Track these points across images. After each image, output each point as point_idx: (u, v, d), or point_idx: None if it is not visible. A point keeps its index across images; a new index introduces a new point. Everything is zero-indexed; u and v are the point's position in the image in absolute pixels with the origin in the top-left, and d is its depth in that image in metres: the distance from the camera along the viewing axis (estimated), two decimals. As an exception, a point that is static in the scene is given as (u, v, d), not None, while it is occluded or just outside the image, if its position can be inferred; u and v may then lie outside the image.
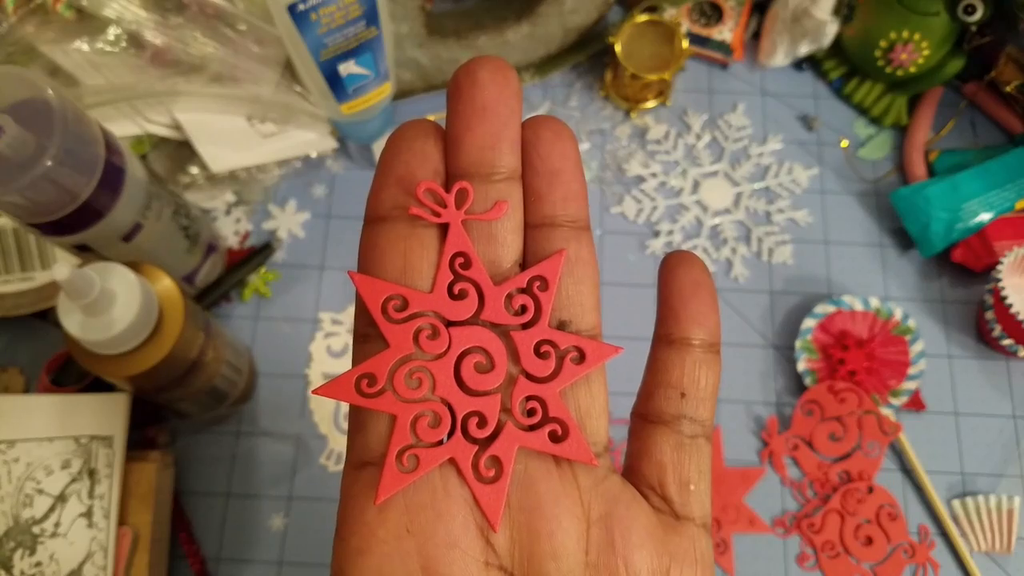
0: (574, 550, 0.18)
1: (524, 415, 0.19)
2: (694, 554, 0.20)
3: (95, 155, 0.39)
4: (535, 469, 0.19)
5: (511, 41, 0.57)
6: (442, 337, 0.19)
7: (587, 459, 0.19)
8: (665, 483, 0.20)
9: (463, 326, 0.19)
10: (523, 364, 0.19)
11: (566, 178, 0.20)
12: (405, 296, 0.19)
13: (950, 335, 0.54)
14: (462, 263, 0.19)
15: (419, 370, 0.19)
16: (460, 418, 0.19)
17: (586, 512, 0.19)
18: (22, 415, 0.46)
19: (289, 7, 0.44)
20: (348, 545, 0.18)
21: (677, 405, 0.21)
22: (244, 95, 0.52)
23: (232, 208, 0.57)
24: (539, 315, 0.20)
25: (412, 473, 0.18)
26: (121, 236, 0.43)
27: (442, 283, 0.19)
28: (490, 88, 0.19)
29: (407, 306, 0.19)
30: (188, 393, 0.45)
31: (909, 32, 0.55)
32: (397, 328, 0.19)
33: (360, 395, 0.19)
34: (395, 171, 0.19)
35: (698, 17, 0.61)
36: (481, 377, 0.19)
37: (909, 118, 0.59)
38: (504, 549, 0.18)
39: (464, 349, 0.19)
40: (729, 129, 0.60)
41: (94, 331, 0.38)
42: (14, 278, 0.49)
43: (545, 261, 0.20)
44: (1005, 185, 0.53)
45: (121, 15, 0.48)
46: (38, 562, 0.43)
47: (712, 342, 0.21)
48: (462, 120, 0.19)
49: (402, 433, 0.19)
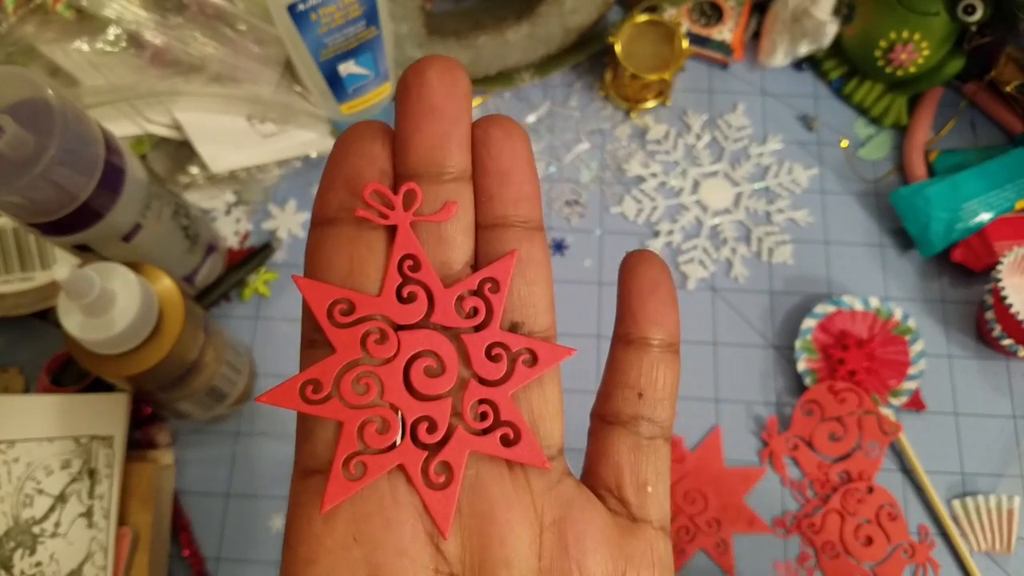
0: (527, 555, 0.18)
1: (475, 419, 0.19)
2: (651, 557, 0.19)
3: (95, 155, 0.39)
4: (487, 474, 0.19)
5: (511, 41, 0.57)
6: (390, 341, 0.19)
7: (540, 463, 0.19)
8: (622, 485, 0.20)
9: (412, 330, 0.19)
10: (474, 367, 0.19)
11: (517, 178, 0.19)
12: (352, 300, 0.19)
13: (950, 335, 0.54)
14: (411, 265, 0.19)
15: (366, 375, 0.19)
16: (409, 424, 0.19)
17: (539, 517, 0.19)
18: (22, 415, 0.46)
19: (289, 7, 0.44)
20: (296, 554, 0.18)
21: (635, 406, 0.20)
22: (244, 95, 0.52)
23: (232, 208, 0.57)
24: (490, 317, 0.19)
25: (359, 481, 0.18)
26: (121, 236, 0.43)
27: (390, 286, 0.19)
28: (438, 88, 0.18)
29: (354, 310, 0.19)
30: (188, 393, 0.45)
31: (909, 32, 0.55)
32: (343, 332, 0.19)
33: (305, 402, 0.18)
34: (342, 172, 0.19)
35: (698, 17, 0.61)
36: (431, 381, 0.19)
37: (909, 118, 0.59)
38: (455, 556, 0.18)
39: (413, 353, 0.19)
40: (729, 129, 0.60)
41: (94, 331, 0.38)
42: (14, 278, 0.49)
43: (496, 262, 0.19)
44: (1005, 185, 0.53)
45: (121, 15, 0.48)
46: (38, 562, 0.43)
47: (671, 342, 0.20)
48: (411, 120, 0.19)
49: (349, 440, 0.18)
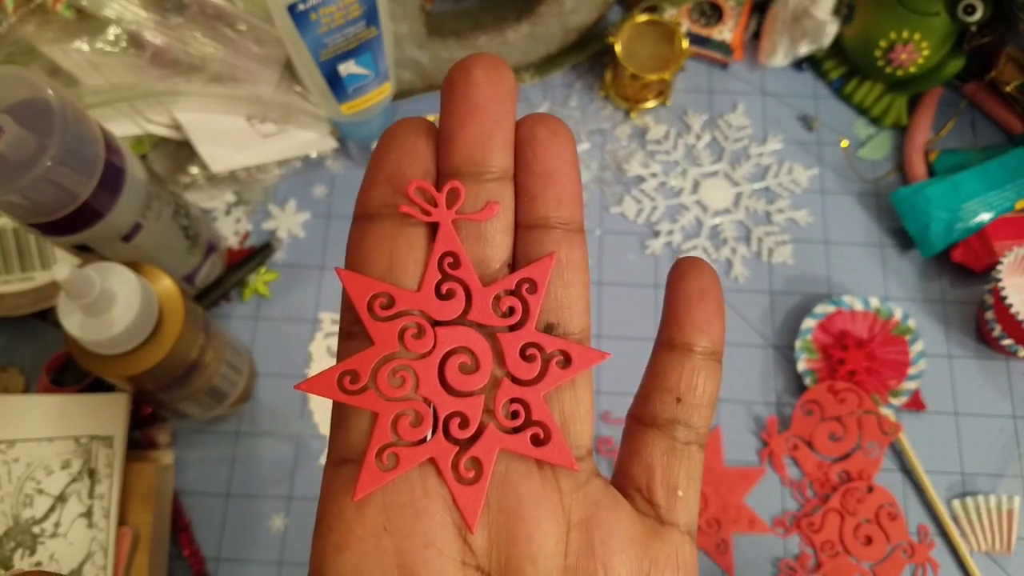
0: (553, 553, 0.18)
1: (507, 417, 0.19)
2: (676, 560, 0.19)
3: (95, 155, 0.39)
4: (516, 471, 0.19)
5: (511, 41, 0.57)
6: (427, 336, 0.19)
7: (568, 464, 0.19)
8: (653, 487, 0.20)
9: (449, 326, 0.19)
10: (508, 366, 0.19)
11: (561, 179, 0.19)
12: (392, 294, 0.19)
13: (950, 335, 0.54)
14: (451, 263, 0.19)
15: (403, 369, 0.19)
16: (442, 418, 0.19)
17: (566, 515, 0.19)
18: (22, 415, 0.46)
19: (289, 7, 0.44)
20: (327, 541, 0.18)
21: (672, 410, 0.20)
22: (244, 95, 0.52)
23: (232, 208, 0.57)
24: (526, 318, 0.19)
25: (391, 472, 0.18)
26: (121, 236, 0.43)
27: (430, 282, 0.19)
28: (484, 86, 0.19)
29: (393, 304, 0.19)
30: (188, 393, 0.45)
31: (909, 32, 0.55)
32: (382, 326, 0.19)
33: (342, 391, 0.19)
34: (385, 169, 0.19)
35: (698, 17, 0.61)
36: (465, 378, 0.19)
37: (909, 118, 0.59)
38: (482, 550, 0.18)
39: (449, 349, 0.19)
40: (729, 129, 0.60)
41: (94, 331, 0.38)
42: (14, 278, 0.49)
43: (535, 263, 0.19)
44: (1005, 185, 0.53)
45: (121, 15, 0.48)
46: (38, 562, 0.43)
47: (714, 350, 0.21)
48: (455, 118, 0.19)
49: (383, 431, 0.18)
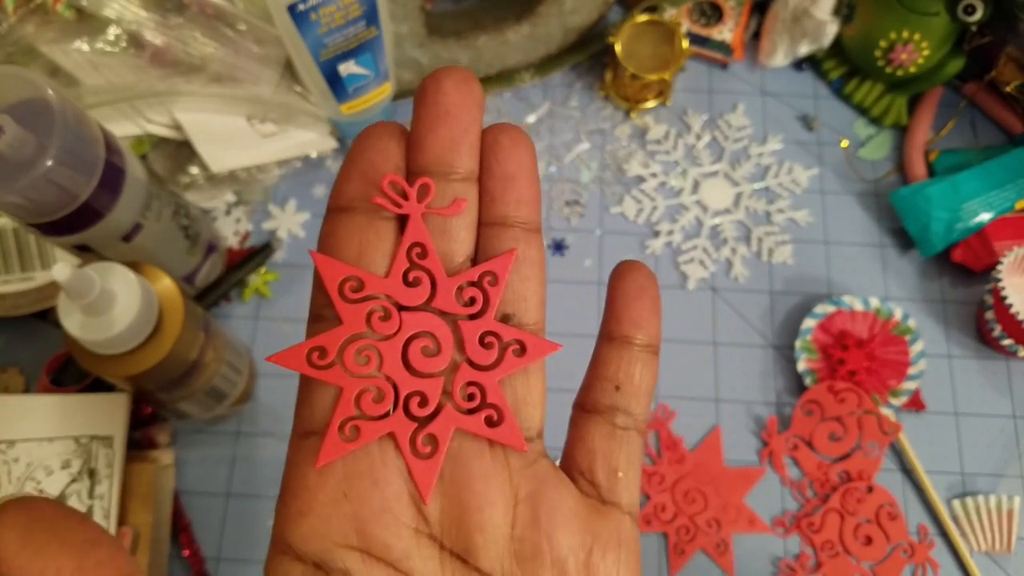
0: (500, 524, 0.20)
1: (464, 399, 0.21)
2: (618, 536, 0.21)
3: (95, 155, 0.39)
4: (468, 448, 0.20)
5: (511, 41, 0.57)
6: (393, 319, 0.20)
7: (518, 445, 0.20)
8: (594, 469, 0.22)
9: (414, 311, 0.21)
10: (467, 352, 0.21)
11: (521, 183, 0.21)
12: (361, 278, 0.20)
13: (950, 335, 0.54)
14: (418, 253, 0.20)
15: (368, 348, 0.20)
16: (403, 396, 0.20)
17: (515, 490, 0.20)
18: (22, 415, 0.46)
19: (289, 7, 0.44)
20: (289, 508, 0.20)
21: (612, 397, 0.22)
22: (244, 95, 0.52)
23: (232, 208, 0.57)
24: (486, 307, 0.21)
25: (352, 443, 0.20)
26: (121, 236, 0.43)
27: (398, 269, 0.20)
28: (454, 95, 0.20)
29: (362, 287, 0.20)
30: (188, 393, 0.45)
31: (909, 32, 0.55)
32: (351, 307, 0.20)
33: (310, 366, 0.20)
34: (359, 166, 0.21)
35: (698, 17, 0.61)
36: (427, 360, 0.20)
37: (909, 118, 0.59)
38: (435, 519, 0.20)
39: (413, 333, 0.20)
40: (729, 129, 0.60)
41: (94, 331, 0.38)
42: (14, 278, 0.49)
43: (496, 258, 0.21)
44: (1005, 185, 0.53)
45: (121, 15, 0.48)
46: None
47: (651, 343, 0.22)
48: (426, 122, 0.20)
49: (346, 405, 0.20)
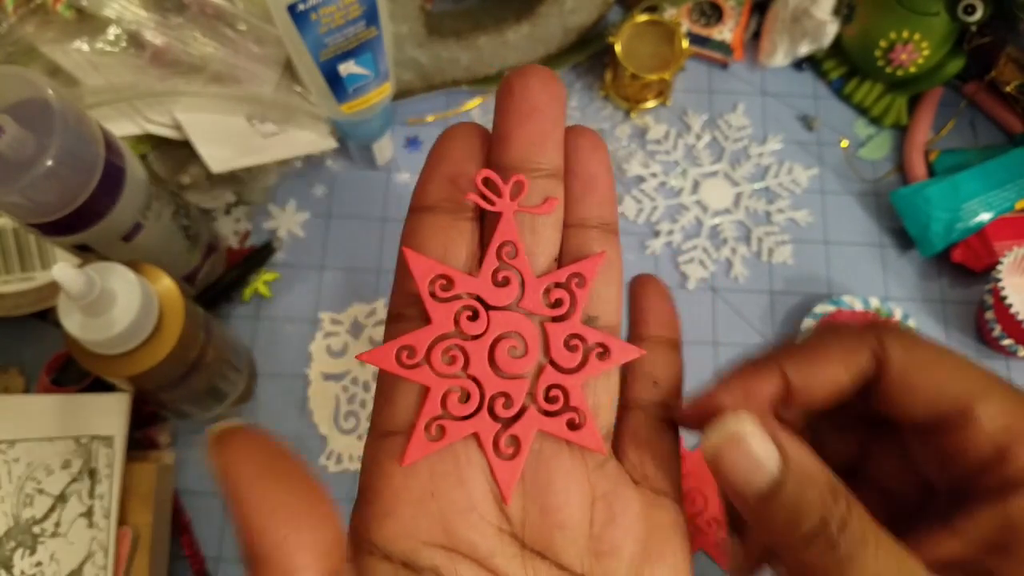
0: (580, 521, 0.20)
1: (546, 401, 0.21)
2: (673, 523, 0.22)
3: (95, 155, 0.39)
4: (549, 449, 0.21)
5: (511, 41, 0.57)
6: (481, 319, 0.20)
7: (598, 448, 0.21)
8: (644, 462, 0.22)
9: (502, 311, 0.21)
10: (552, 354, 0.21)
11: (601, 184, 0.21)
12: (452, 277, 0.20)
13: (950, 335, 0.54)
14: (508, 252, 0.20)
15: (455, 348, 0.20)
16: (488, 397, 0.20)
17: (591, 489, 0.21)
18: (22, 415, 0.46)
19: (289, 7, 0.44)
20: (374, 509, 0.20)
21: (651, 392, 0.23)
22: (244, 95, 0.52)
23: (232, 208, 0.57)
24: (573, 309, 0.21)
25: (438, 442, 0.20)
26: (121, 236, 0.43)
27: (488, 269, 0.20)
28: (540, 92, 0.20)
29: (452, 286, 0.20)
30: (188, 393, 0.45)
31: (909, 32, 0.55)
32: (441, 306, 0.20)
33: (399, 365, 0.20)
34: (442, 166, 0.21)
35: (698, 17, 0.61)
36: (514, 361, 0.21)
37: (909, 118, 0.59)
38: (517, 519, 0.20)
39: (500, 333, 0.21)
40: (729, 129, 0.60)
41: (94, 331, 0.38)
42: (14, 278, 0.49)
43: (585, 260, 0.21)
44: (1005, 185, 0.53)
45: (121, 15, 0.48)
46: (38, 562, 0.43)
47: (677, 342, 0.24)
48: (512, 118, 0.20)
49: (433, 405, 0.20)
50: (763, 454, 0.21)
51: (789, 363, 0.24)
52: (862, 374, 0.24)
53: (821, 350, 0.24)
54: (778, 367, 0.24)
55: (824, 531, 0.20)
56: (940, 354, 0.24)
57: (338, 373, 0.53)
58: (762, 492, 0.21)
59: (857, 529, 0.21)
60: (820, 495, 0.21)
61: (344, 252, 0.56)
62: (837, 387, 0.24)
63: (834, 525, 0.20)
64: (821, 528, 0.20)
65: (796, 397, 0.24)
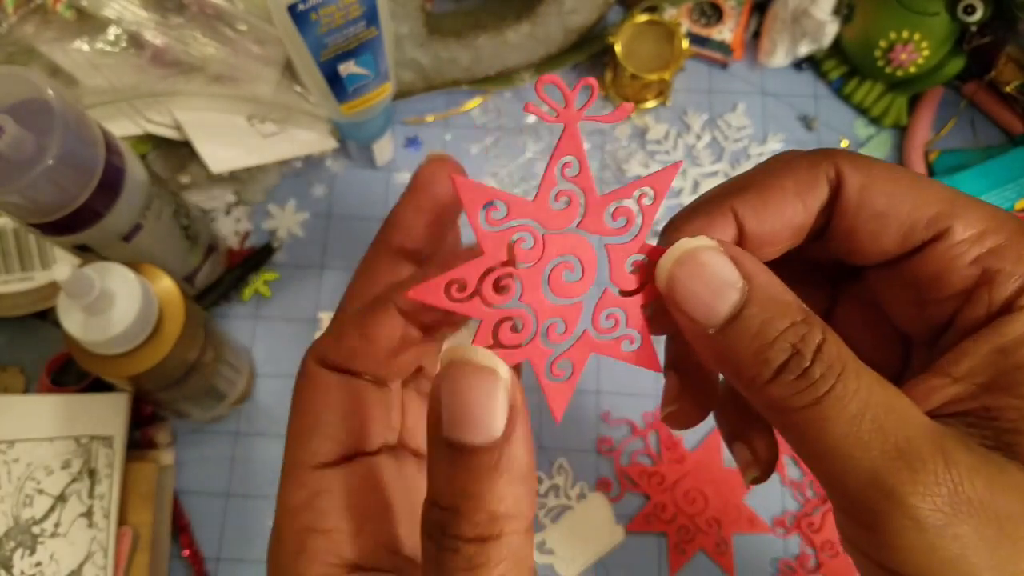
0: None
1: (604, 325, 0.20)
2: None
3: (95, 155, 0.39)
4: None
5: (511, 41, 0.57)
6: (537, 246, 0.20)
7: (655, 367, 0.20)
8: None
9: (560, 234, 0.20)
10: (613, 278, 0.20)
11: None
12: (507, 203, 0.19)
13: (950, 335, 0.54)
14: (570, 168, 0.19)
15: (507, 277, 0.19)
16: (542, 324, 0.20)
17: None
18: (22, 415, 0.46)
19: (289, 7, 0.44)
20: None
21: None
22: (244, 95, 0.52)
23: (232, 208, 0.57)
24: (639, 228, 0.20)
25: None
26: (121, 236, 0.43)
27: (545, 191, 0.20)
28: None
29: (509, 214, 0.19)
30: (188, 393, 0.45)
31: (909, 32, 0.55)
32: (493, 235, 0.19)
33: (449, 299, 0.19)
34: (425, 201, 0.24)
35: (698, 17, 0.61)
36: (569, 286, 0.20)
37: (909, 118, 0.59)
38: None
39: (557, 258, 0.20)
40: (729, 129, 0.60)
41: (94, 331, 0.38)
42: (14, 278, 0.49)
43: (657, 172, 0.20)
44: (1005, 185, 0.53)
45: (121, 15, 0.48)
46: (38, 562, 0.43)
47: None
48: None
49: (484, 338, 0.19)
50: (724, 275, 0.18)
51: (741, 203, 0.21)
52: (820, 208, 0.21)
53: (775, 186, 0.21)
54: (730, 209, 0.21)
55: (796, 361, 0.17)
56: (903, 174, 0.21)
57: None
58: (723, 318, 0.18)
59: (834, 357, 0.18)
60: (790, 319, 0.18)
61: (344, 252, 0.56)
62: (795, 227, 0.21)
63: (807, 353, 0.17)
64: (792, 357, 0.17)
65: (750, 243, 0.21)
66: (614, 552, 0.49)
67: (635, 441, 0.51)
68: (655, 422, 0.51)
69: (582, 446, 0.51)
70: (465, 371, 0.18)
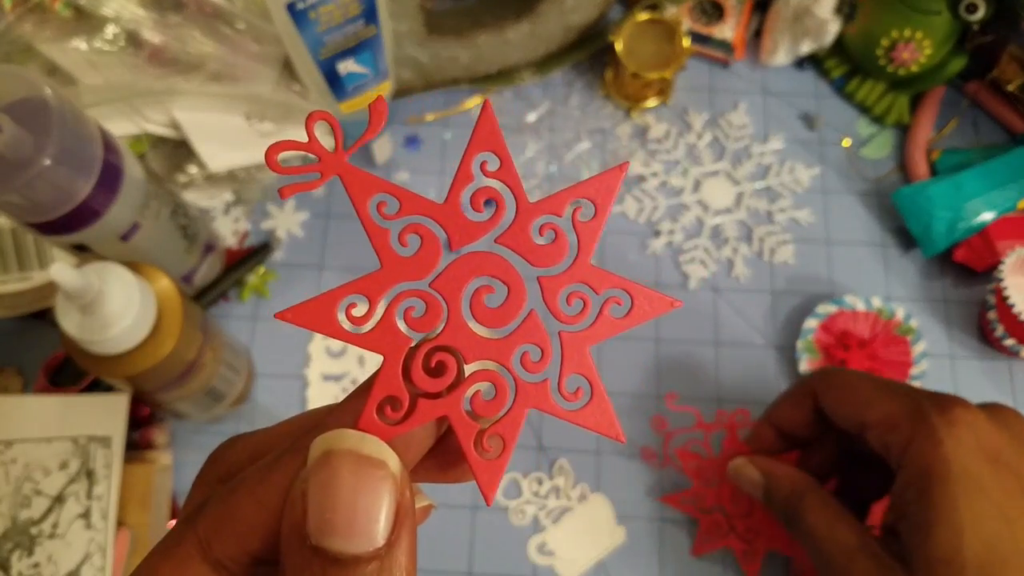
0: None
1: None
2: None
3: (93, 154, 0.38)
4: None
5: (511, 40, 0.57)
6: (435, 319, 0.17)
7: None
8: None
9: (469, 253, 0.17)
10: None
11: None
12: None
13: (952, 335, 0.54)
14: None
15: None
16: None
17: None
18: (20, 415, 0.46)
19: (288, 5, 0.44)
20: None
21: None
22: (243, 94, 0.52)
23: (230, 207, 0.56)
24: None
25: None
26: (119, 236, 0.42)
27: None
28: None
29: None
30: (186, 393, 0.45)
31: (911, 31, 0.55)
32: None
33: (384, 422, 0.17)
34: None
35: (699, 15, 0.61)
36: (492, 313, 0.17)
37: (911, 117, 0.59)
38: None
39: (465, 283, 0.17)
40: (730, 128, 0.59)
41: (92, 331, 0.38)
42: (12, 278, 0.49)
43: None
44: (1007, 184, 0.53)
45: (119, 13, 0.48)
46: (36, 563, 0.43)
47: None
48: None
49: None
50: (753, 475, 0.42)
51: (771, 416, 0.44)
52: (811, 407, 0.41)
53: (785, 402, 0.43)
54: (768, 422, 0.44)
55: (790, 500, 0.38)
56: (848, 381, 0.39)
57: (337, 374, 0.53)
58: (758, 492, 0.42)
59: (812, 498, 0.37)
60: (789, 486, 0.39)
61: (343, 252, 0.56)
62: (799, 420, 0.42)
63: (795, 498, 0.38)
64: (789, 499, 0.39)
65: (784, 434, 0.43)
66: (615, 553, 0.49)
67: (696, 432, 0.51)
68: (727, 423, 0.51)
69: (582, 446, 0.51)
70: (345, 464, 0.16)
